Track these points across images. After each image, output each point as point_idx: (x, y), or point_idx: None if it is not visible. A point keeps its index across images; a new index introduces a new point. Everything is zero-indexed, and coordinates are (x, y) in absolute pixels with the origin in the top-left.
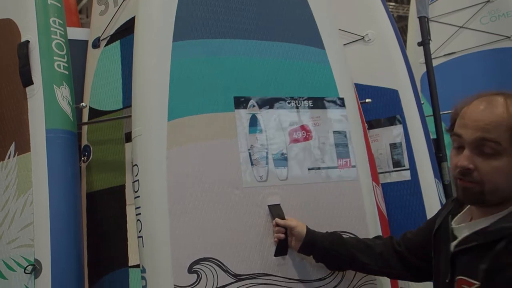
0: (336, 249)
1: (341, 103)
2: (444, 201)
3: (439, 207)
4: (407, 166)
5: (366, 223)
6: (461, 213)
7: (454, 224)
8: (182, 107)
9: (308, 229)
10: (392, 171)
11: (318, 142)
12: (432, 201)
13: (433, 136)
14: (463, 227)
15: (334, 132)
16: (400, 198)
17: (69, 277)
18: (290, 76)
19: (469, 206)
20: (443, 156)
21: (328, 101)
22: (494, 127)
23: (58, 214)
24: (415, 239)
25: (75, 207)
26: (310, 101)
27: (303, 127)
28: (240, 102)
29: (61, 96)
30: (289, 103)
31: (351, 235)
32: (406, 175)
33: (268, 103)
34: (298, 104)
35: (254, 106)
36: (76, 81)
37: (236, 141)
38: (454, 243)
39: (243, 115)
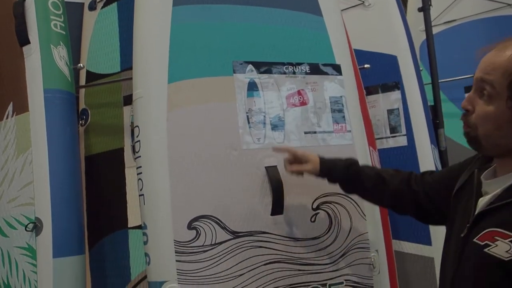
0: (351, 184)
1: (338, 70)
2: (440, 167)
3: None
4: (404, 132)
5: None
6: (489, 169)
7: (483, 179)
8: (182, 70)
9: (321, 159)
10: (389, 137)
11: (315, 107)
12: (428, 167)
13: (430, 103)
14: (491, 183)
15: (330, 97)
16: (396, 163)
17: (70, 235)
18: (288, 42)
19: (494, 163)
20: (440, 123)
21: (325, 68)
22: (493, 69)
23: (57, 173)
24: (434, 184)
25: (75, 166)
26: (307, 67)
27: (300, 92)
28: (239, 67)
29: (58, 56)
30: (286, 68)
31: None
32: (403, 141)
33: (266, 68)
34: (296, 69)
35: (252, 70)
36: (73, 45)
37: (235, 104)
38: (487, 198)
39: (242, 79)
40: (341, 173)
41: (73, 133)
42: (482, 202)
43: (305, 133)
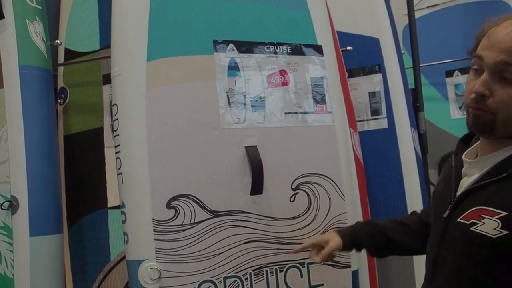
0: (375, 240)
1: (319, 51)
2: (419, 150)
3: (413, 155)
4: (384, 114)
5: (340, 167)
6: (469, 149)
7: (465, 159)
8: (161, 48)
9: (340, 232)
10: (370, 120)
11: (295, 88)
12: (407, 149)
13: (411, 86)
14: (475, 163)
15: (312, 78)
16: (376, 145)
17: (46, 213)
18: (269, 22)
19: (475, 144)
20: (420, 106)
21: (307, 48)
22: None
23: (34, 151)
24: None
25: (52, 145)
26: (288, 47)
27: (280, 72)
28: (219, 45)
29: (34, 32)
30: (268, 48)
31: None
32: (383, 124)
33: (247, 47)
34: (277, 49)
35: (233, 50)
36: (50, 21)
37: (215, 83)
38: (472, 178)
39: (222, 58)
40: (369, 242)
41: (50, 111)
42: (468, 181)
43: (286, 113)
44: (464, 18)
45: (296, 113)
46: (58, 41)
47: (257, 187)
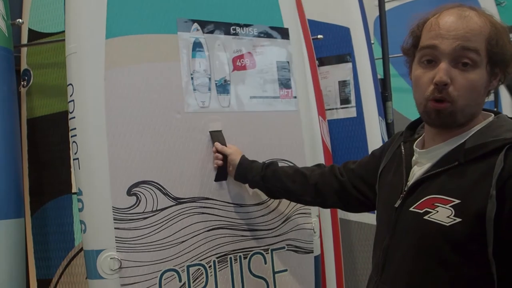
0: (268, 182)
1: (285, 34)
2: (386, 138)
3: (380, 143)
4: (353, 103)
5: (304, 153)
6: (419, 140)
7: (416, 149)
8: (121, 25)
9: (241, 160)
10: (339, 108)
11: (261, 72)
12: (375, 138)
13: (381, 76)
14: (425, 153)
15: (277, 62)
16: (345, 134)
17: (6, 197)
18: (236, 2)
19: (422, 135)
20: (389, 96)
21: (273, 31)
22: (474, 35)
23: None
24: (358, 170)
25: (12, 128)
26: (255, 29)
27: (246, 55)
28: (183, 25)
29: None
30: (233, 29)
31: (289, 163)
32: (352, 112)
33: (212, 27)
34: (243, 31)
35: (197, 30)
36: (13, 2)
37: (178, 64)
38: (424, 168)
39: (186, 38)
40: (257, 174)
41: (11, 92)
42: (419, 171)
43: (251, 97)
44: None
45: (261, 97)
46: (20, 20)
47: (221, 173)
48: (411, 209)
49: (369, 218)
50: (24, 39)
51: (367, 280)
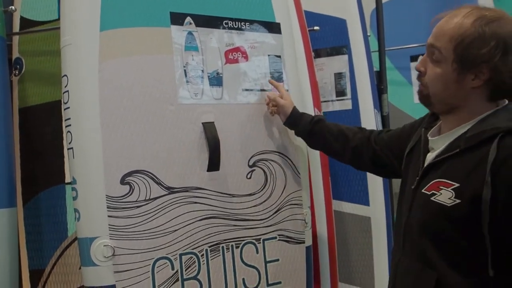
0: (313, 137)
1: (278, 28)
2: None
3: None
4: (349, 95)
5: (296, 146)
6: (435, 127)
7: (429, 136)
8: (116, 18)
9: (293, 111)
10: (335, 100)
11: (253, 65)
12: None
13: (376, 69)
14: (437, 140)
15: (269, 56)
16: None
17: None
18: None
19: (440, 121)
20: (384, 88)
21: (265, 25)
22: (441, 35)
23: None
24: (389, 142)
25: (4, 117)
26: (247, 23)
27: (239, 49)
28: (177, 18)
29: None
30: (226, 23)
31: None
32: (347, 105)
33: (205, 21)
34: (235, 25)
35: (190, 23)
36: None
37: (172, 57)
38: (434, 154)
39: (179, 31)
40: (306, 126)
41: (3, 81)
42: (430, 156)
43: (243, 90)
44: (430, 4)
45: (253, 90)
46: (13, 7)
47: (214, 164)
48: (422, 190)
49: (363, 210)
50: (16, 27)
51: (391, 255)
